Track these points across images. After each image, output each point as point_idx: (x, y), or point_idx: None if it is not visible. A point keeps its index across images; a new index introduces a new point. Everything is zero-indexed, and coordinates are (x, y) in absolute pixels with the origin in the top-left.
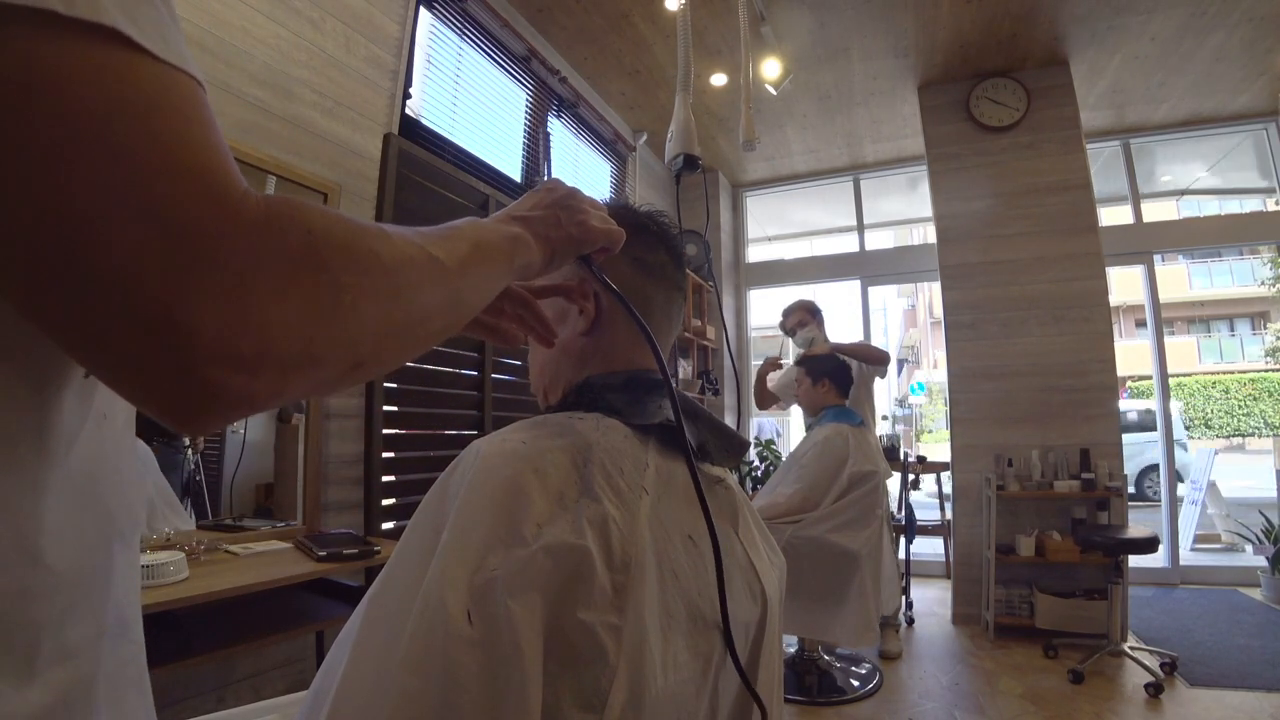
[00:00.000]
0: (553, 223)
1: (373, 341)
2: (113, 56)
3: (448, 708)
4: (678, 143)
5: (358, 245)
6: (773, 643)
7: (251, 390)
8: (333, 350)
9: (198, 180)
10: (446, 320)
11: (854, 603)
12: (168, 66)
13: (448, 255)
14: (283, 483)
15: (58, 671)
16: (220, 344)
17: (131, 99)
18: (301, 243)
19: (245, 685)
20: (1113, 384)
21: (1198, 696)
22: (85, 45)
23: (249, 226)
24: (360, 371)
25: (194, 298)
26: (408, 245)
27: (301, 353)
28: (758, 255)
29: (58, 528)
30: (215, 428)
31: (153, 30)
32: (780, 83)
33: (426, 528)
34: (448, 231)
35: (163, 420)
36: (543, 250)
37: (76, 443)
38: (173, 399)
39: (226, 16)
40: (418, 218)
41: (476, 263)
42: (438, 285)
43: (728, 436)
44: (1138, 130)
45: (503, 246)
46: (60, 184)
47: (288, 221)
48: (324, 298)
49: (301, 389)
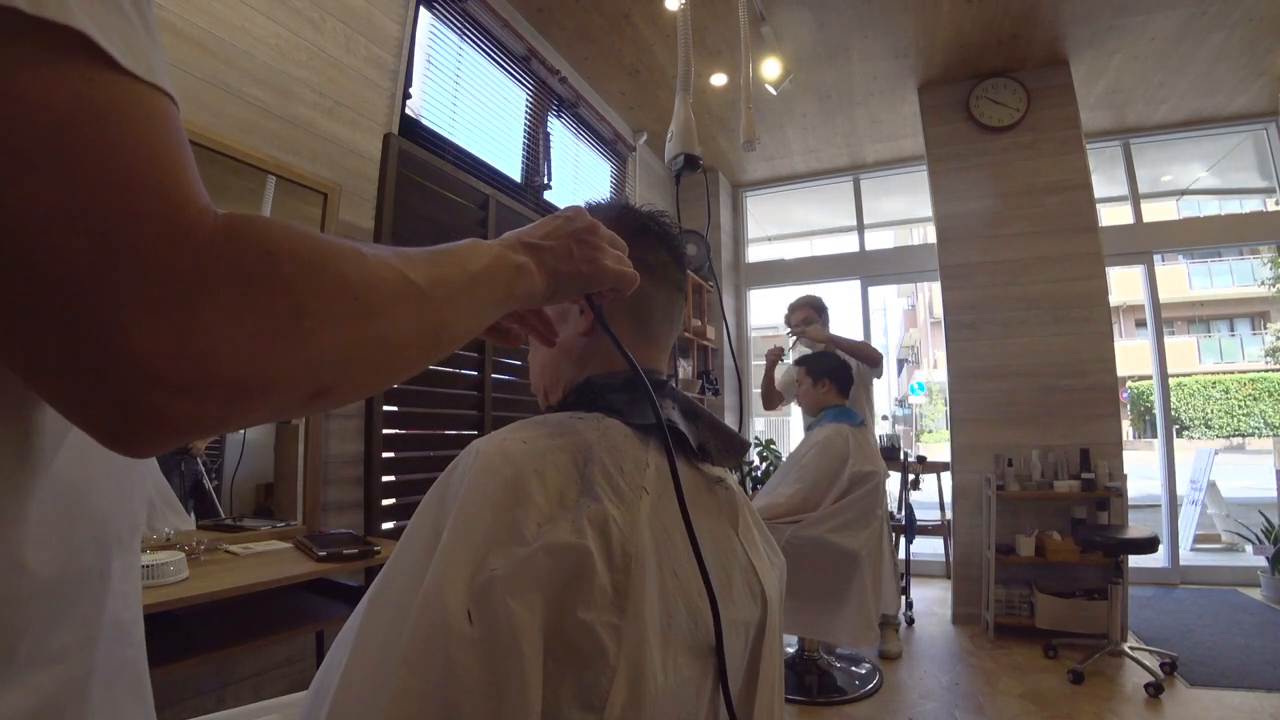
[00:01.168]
0: (564, 256)
1: (336, 368)
2: (75, 64)
3: (448, 707)
4: (678, 143)
5: (324, 266)
6: (773, 643)
7: (195, 415)
8: (289, 376)
9: (150, 196)
10: (426, 349)
11: (854, 603)
12: (133, 79)
13: (430, 281)
14: (283, 483)
15: (41, 675)
16: (161, 366)
17: (89, 109)
18: (259, 262)
19: (245, 685)
20: (1113, 384)
21: (1198, 696)
22: (47, 50)
23: (201, 244)
24: (326, 398)
25: (135, 317)
26: (383, 269)
27: (253, 377)
28: (758, 255)
29: (41, 535)
30: (158, 452)
31: (120, 41)
32: (780, 83)
33: (426, 528)
34: (439, 255)
35: (103, 443)
36: (547, 283)
37: (61, 449)
38: (112, 422)
39: (226, 16)
40: (417, 218)
41: (466, 290)
42: (414, 312)
43: (728, 437)
44: (1137, 130)
45: (502, 275)
46: (5, 191)
47: (246, 240)
48: (280, 320)
49: (255, 415)
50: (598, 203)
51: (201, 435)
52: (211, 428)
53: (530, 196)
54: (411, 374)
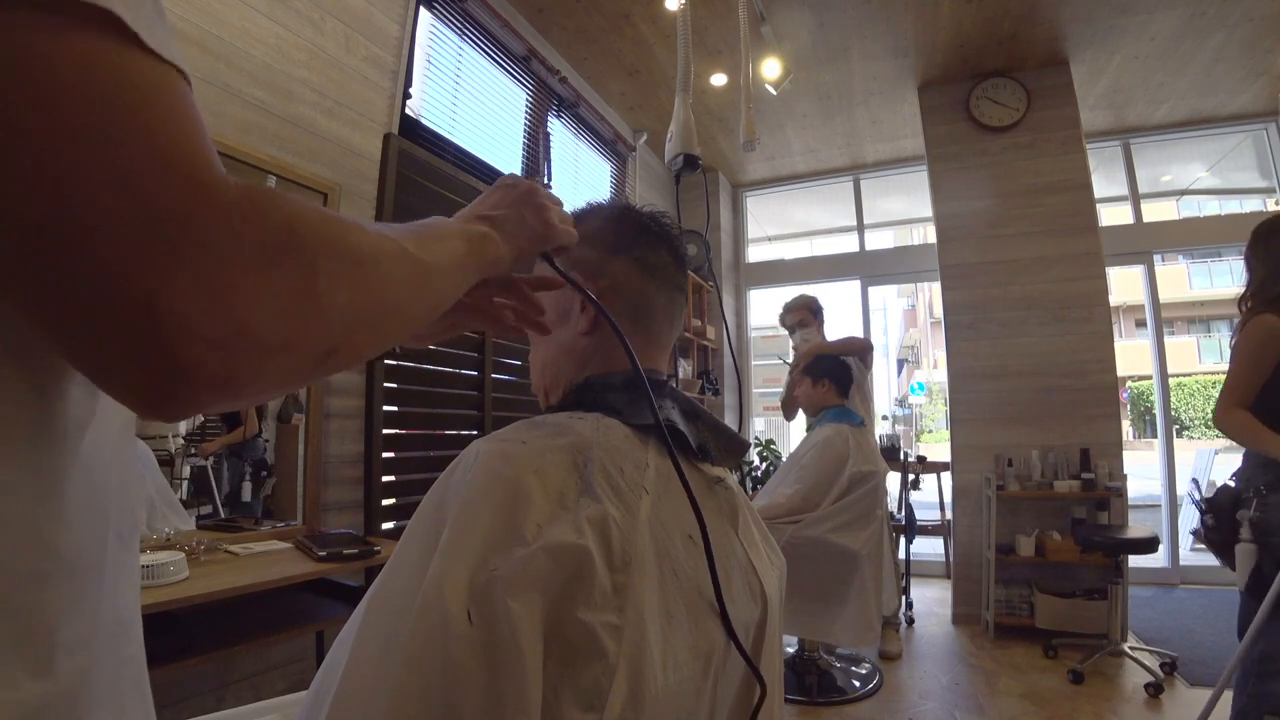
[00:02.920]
0: (517, 220)
1: (346, 329)
2: (107, 45)
3: (448, 707)
4: (678, 143)
5: (336, 235)
6: (773, 643)
7: (228, 371)
8: (308, 335)
9: (182, 168)
10: (417, 312)
11: (854, 603)
12: (157, 59)
13: (420, 250)
14: (283, 483)
15: (67, 662)
16: (199, 321)
17: (123, 89)
18: (282, 228)
19: (245, 685)
20: (1113, 384)
21: (1198, 696)
22: (80, 31)
23: (231, 211)
24: (332, 359)
25: (175, 277)
26: (383, 239)
27: (278, 335)
28: (758, 255)
29: (69, 516)
30: (188, 412)
31: (143, 21)
32: (780, 83)
33: (427, 527)
34: (418, 228)
35: (134, 404)
36: (510, 247)
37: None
38: (148, 379)
39: (226, 16)
40: (417, 218)
41: (448, 258)
42: (411, 278)
43: (728, 437)
44: (1137, 130)
45: (472, 244)
46: (48, 169)
47: (269, 208)
48: (302, 283)
49: (276, 375)
50: (598, 203)
51: (231, 395)
52: (240, 386)
53: None
54: (402, 338)
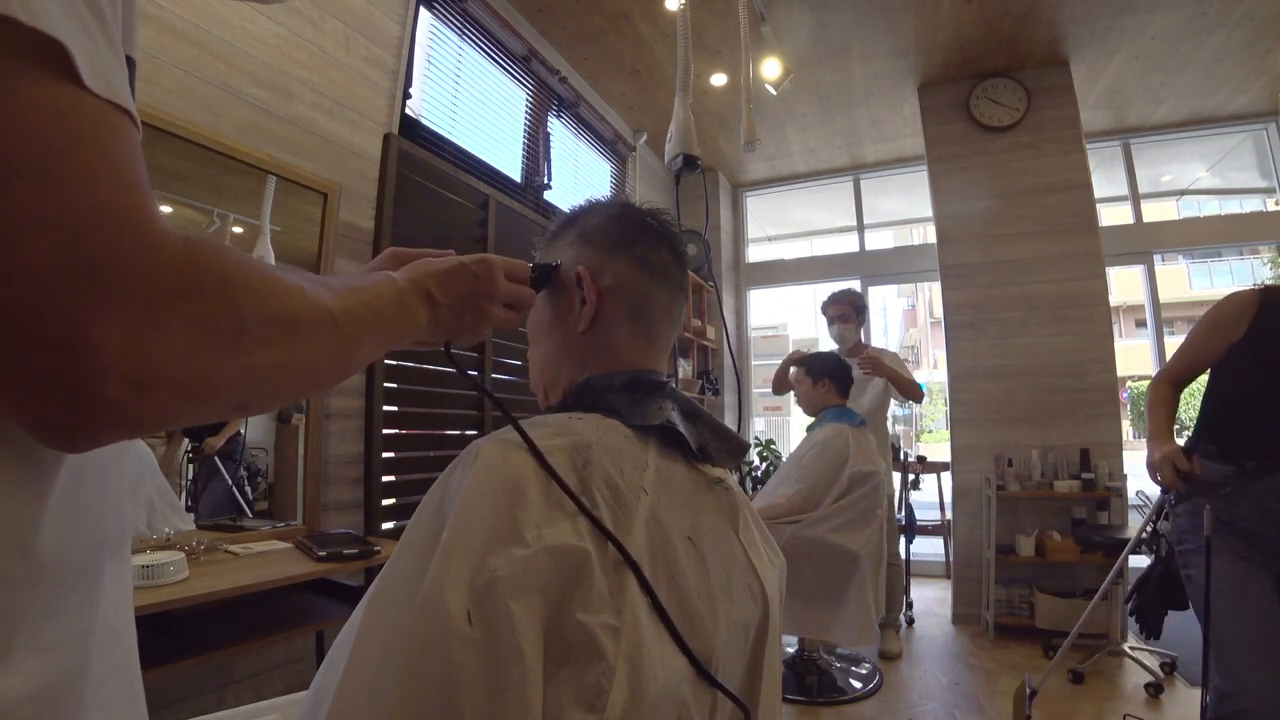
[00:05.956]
0: (455, 315)
1: (262, 385)
2: (55, 84)
3: (448, 708)
4: (677, 143)
5: (271, 296)
6: (773, 643)
7: (141, 411)
8: (225, 387)
9: (122, 214)
10: (328, 380)
11: (854, 603)
12: (104, 102)
13: (348, 321)
14: (283, 483)
15: (33, 662)
16: (121, 362)
17: (66, 130)
18: (215, 282)
19: (245, 685)
20: (1113, 384)
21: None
22: (27, 66)
23: (164, 260)
24: (242, 411)
25: (99, 315)
26: (317, 307)
27: (196, 383)
28: (758, 255)
29: (50, 524)
30: (91, 447)
31: (93, 59)
32: (780, 83)
33: (427, 528)
34: (357, 294)
35: (40, 434)
36: (435, 334)
37: None
38: (61, 413)
39: (226, 16)
40: (417, 217)
41: (371, 330)
42: (332, 349)
43: (728, 438)
44: (1137, 130)
45: (400, 321)
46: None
47: (204, 262)
48: (227, 338)
49: (187, 417)
50: (598, 200)
51: (136, 433)
52: (149, 425)
53: (530, 196)
54: (310, 396)
